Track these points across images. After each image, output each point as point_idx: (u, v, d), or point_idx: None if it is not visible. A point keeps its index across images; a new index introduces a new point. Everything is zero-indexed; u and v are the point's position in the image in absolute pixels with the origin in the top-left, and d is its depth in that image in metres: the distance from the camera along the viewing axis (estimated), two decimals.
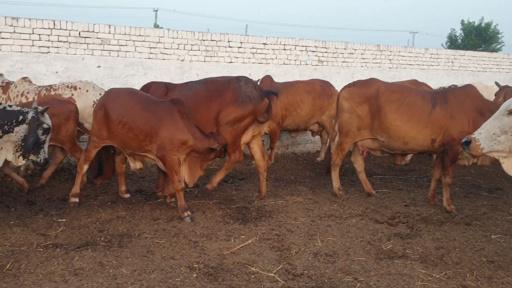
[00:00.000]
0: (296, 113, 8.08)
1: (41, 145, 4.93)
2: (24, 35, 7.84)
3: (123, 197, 5.98)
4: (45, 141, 4.98)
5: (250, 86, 5.71)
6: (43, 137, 4.94)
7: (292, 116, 8.08)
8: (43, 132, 4.92)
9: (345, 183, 7.24)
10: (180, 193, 5.32)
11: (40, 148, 4.93)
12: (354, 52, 11.15)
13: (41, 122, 4.91)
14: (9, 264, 3.99)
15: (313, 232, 5.07)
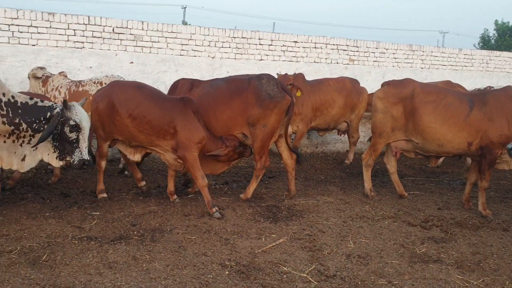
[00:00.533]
0: (327, 112, 7.97)
1: (73, 144, 4.53)
2: (59, 30, 7.99)
3: (139, 185, 6.10)
4: (77, 140, 4.53)
5: (272, 84, 5.61)
6: (72, 135, 4.50)
7: (323, 116, 7.97)
8: (71, 129, 4.49)
9: (377, 184, 7.14)
10: (205, 189, 5.35)
11: (73, 148, 4.53)
12: (385, 51, 11.00)
13: (67, 118, 4.48)
14: (45, 255, 4.06)
15: (345, 233, 5.01)
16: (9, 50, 7.66)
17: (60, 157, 4.61)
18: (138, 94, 5.35)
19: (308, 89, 7.69)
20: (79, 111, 4.54)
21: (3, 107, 4.34)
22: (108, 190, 5.98)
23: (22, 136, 4.47)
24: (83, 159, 4.54)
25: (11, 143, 4.46)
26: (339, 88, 8.16)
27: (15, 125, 4.38)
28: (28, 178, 6.59)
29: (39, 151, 4.59)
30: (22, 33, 7.71)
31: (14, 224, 4.73)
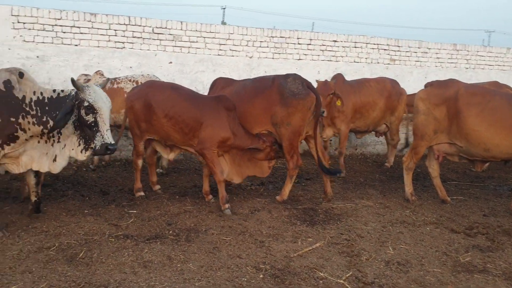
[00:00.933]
0: (368, 115, 7.73)
1: (92, 128, 4.16)
2: (101, 31, 8.13)
3: (154, 189, 6.08)
4: (96, 123, 4.15)
5: (297, 82, 5.54)
6: (89, 117, 4.14)
7: (363, 118, 7.72)
8: (86, 111, 4.13)
9: (418, 188, 6.90)
10: (222, 184, 5.35)
11: (94, 132, 4.16)
12: (428, 51, 10.65)
13: (81, 99, 4.14)
14: (82, 252, 4.10)
15: (384, 239, 4.84)
16: (53, 50, 7.85)
17: (85, 148, 4.27)
18: (174, 95, 5.42)
19: (348, 89, 7.46)
20: (94, 91, 4.16)
21: (33, 106, 4.17)
22: (145, 189, 6.03)
23: (51, 135, 4.31)
24: (105, 143, 4.15)
25: (44, 143, 4.34)
26: (380, 89, 7.88)
27: (44, 124, 4.19)
28: (69, 175, 6.73)
29: (67, 148, 4.34)
30: (65, 33, 7.89)
31: (54, 221, 4.82)
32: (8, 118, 4.01)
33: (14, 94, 4.01)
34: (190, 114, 5.30)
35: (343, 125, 7.49)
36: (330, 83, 6.97)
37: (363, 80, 8.17)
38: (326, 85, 6.89)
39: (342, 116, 7.42)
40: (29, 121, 4.07)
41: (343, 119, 7.44)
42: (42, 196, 5.55)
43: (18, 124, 4.03)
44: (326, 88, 6.82)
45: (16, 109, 4.02)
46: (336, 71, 9.70)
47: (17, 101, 4.02)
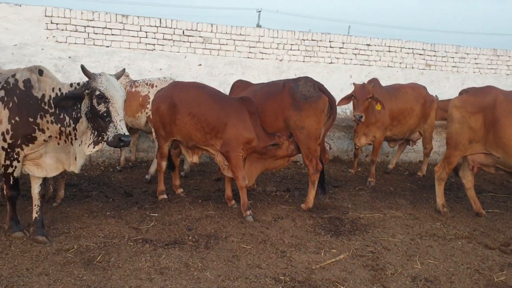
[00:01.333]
0: (405, 122, 7.35)
1: (105, 118, 3.86)
2: (132, 32, 8.17)
3: (177, 193, 5.98)
4: (108, 112, 3.85)
5: (308, 85, 5.42)
6: (101, 107, 3.85)
7: (401, 125, 7.34)
8: (98, 100, 3.84)
9: (450, 199, 6.60)
10: (244, 190, 5.25)
11: (107, 123, 3.86)
12: (466, 56, 10.25)
13: (93, 88, 3.87)
14: (100, 256, 4.06)
15: (412, 252, 4.61)
16: (85, 50, 7.94)
17: (96, 142, 3.98)
18: (198, 93, 5.39)
19: (385, 95, 7.10)
20: (106, 79, 3.90)
21: (52, 104, 4.00)
22: (168, 192, 5.98)
23: (68, 133, 4.06)
24: (118, 134, 3.83)
25: (64, 143, 4.14)
26: (416, 95, 7.53)
27: (61, 121, 4.02)
28: (96, 175, 6.77)
29: (83, 143, 4.07)
30: (97, 35, 7.96)
31: (75, 222, 4.82)
32: (27, 118, 3.96)
33: (33, 93, 3.96)
34: (213, 113, 5.25)
35: (378, 132, 7.11)
36: (369, 87, 6.67)
37: (397, 85, 7.82)
38: (364, 88, 6.61)
39: (378, 123, 7.04)
40: (47, 120, 3.99)
41: (379, 126, 7.08)
42: (68, 196, 5.61)
43: (36, 125, 3.98)
44: (364, 91, 6.57)
45: (35, 109, 3.97)
46: (369, 75, 9.45)
47: (36, 101, 3.97)
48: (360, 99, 6.55)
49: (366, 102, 6.58)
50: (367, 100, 6.57)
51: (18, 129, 3.96)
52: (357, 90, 6.63)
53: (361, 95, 6.55)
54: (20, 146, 4.00)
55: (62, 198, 5.40)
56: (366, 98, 6.55)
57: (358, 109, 6.60)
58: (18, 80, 4.00)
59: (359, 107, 6.60)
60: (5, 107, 3.95)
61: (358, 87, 6.69)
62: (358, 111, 6.59)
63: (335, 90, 8.35)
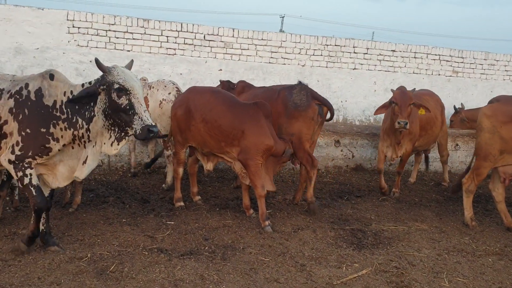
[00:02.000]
0: (432, 132, 7.02)
1: (128, 111, 3.64)
2: (153, 37, 8.13)
3: (194, 200, 5.87)
4: (131, 105, 3.63)
5: (302, 94, 5.43)
6: (122, 100, 3.62)
7: (427, 135, 6.99)
8: (118, 94, 3.61)
9: (479, 212, 6.31)
10: (262, 199, 5.08)
11: (131, 116, 3.64)
12: (495, 63, 9.93)
13: (110, 82, 3.65)
14: (113, 265, 3.94)
15: (439, 269, 4.37)
16: (106, 55, 7.92)
17: (118, 138, 3.79)
18: (212, 99, 5.25)
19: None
20: (121, 71, 3.70)
21: (64, 109, 3.79)
22: (185, 199, 5.86)
23: (81, 136, 3.84)
24: (146, 125, 3.61)
25: (78, 147, 3.92)
26: (435, 103, 7.24)
27: (74, 125, 3.81)
28: (114, 181, 6.69)
29: (98, 145, 3.87)
30: (118, 39, 7.95)
31: (90, 229, 4.72)
32: (38, 129, 3.75)
33: (44, 102, 3.78)
34: (227, 119, 5.10)
35: (409, 144, 6.57)
36: (409, 92, 6.27)
37: (418, 93, 7.36)
38: (405, 94, 6.18)
39: (411, 135, 6.51)
40: (61, 127, 3.80)
41: (411, 138, 6.55)
42: (85, 201, 5.53)
43: (50, 135, 3.79)
44: (405, 97, 6.13)
45: (47, 118, 3.78)
46: (394, 82, 9.23)
47: (47, 110, 3.78)
48: (403, 104, 6.04)
49: (409, 108, 6.09)
50: (409, 106, 6.08)
51: (29, 141, 3.75)
52: (398, 95, 6.18)
53: (402, 101, 6.08)
54: (32, 157, 3.79)
55: (78, 203, 5.32)
56: (408, 104, 6.06)
57: (402, 115, 6.01)
58: (30, 91, 3.80)
59: (402, 113, 6.02)
60: (15, 119, 3.76)
61: (398, 93, 6.24)
62: (402, 117, 5.99)
63: (358, 97, 8.18)
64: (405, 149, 6.55)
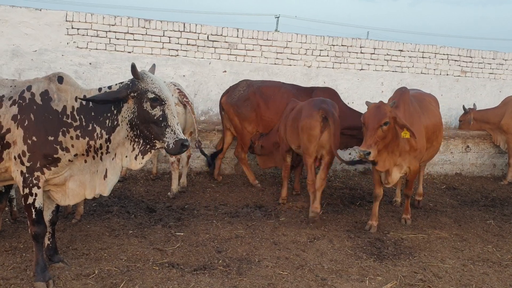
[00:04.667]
0: (437, 142, 5.80)
1: (160, 123, 3.34)
2: (155, 37, 7.85)
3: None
4: (164, 116, 3.34)
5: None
6: (156, 111, 3.32)
7: (432, 148, 5.71)
8: (152, 104, 3.31)
9: (496, 217, 6.10)
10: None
11: (163, 128, 3.34)
12: (504, 62, 9.71)
13: (143, 90, 3.32)
14: (123, 283, 3.68)
15: (466, 281, 4.14)
16: (106, 56, 7.64)
17: (143, 151, 3.47)
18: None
19: (414, 109, 5.32)
20: (155, 80, 3.39)
21: (76, 116, 3.43)
22: (194, 207, 5.61)
23: (99, 147, 3.48)
24: (179, 139, 3.33)
25: (92, 160, 3.53)
26: (436, 106, 6.06)
27: (89, 134, 3.43)
28: (116, 188, 6.41)
29: (118, 157, 3.53)
30: (119, 40, 7.66)
31: (96, 242, 4.45)
32: (46, 137, 3.39)
33: (52, 107, 3.42)
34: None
35: (414, 161, 5.23)
36: (385, 107, 4.79)
37: (417, 95, 5.90)
38: (377, 111, 4.75)
39: (416, 151, 5.19)
40: (71, 136, 3.42)
41: (417, 155, 5.22)
42: (87, 211, 5.26)
43: (58, 143, 3.41)
44: (375, 116, 4.71)
45: (55, 125, 3.42)
46: (401, 83, 8.99)
47: (56, 115, 3.42)
48: (370, 126, 4.67)
49: (379, 131, 4.66)
50: (380, 127, 4.66)
51: (37, 150, 3.39)
52: (367, 113, 4.79)
53: (371, 120, 4.70)
54: (41, 169, 3.42)
55: (81, 214, 5.05)
56: (378, 124, 4.65)
57: (365, 142, 4.66)
58: (34, 94, 3.43)
59: (366, 139, 4.68)
60: (19, 126, 3.39)
61: (369, 109, 4.83)
62: (365, 145, 4.65)
63: (365, 98, 7.90)
64: (409, 167, 5.21)
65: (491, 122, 8.32)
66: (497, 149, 8.54)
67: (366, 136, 4.67)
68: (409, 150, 5.08)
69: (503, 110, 8.15)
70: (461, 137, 8.39)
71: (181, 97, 5.95)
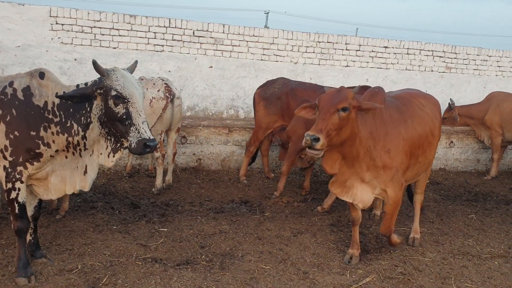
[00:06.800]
0: (425, 157, 4.54)
1: (124, 121, 3.29)
2: (140, 33, 7.84)
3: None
4: (128, 114, 3.28)
5: None
6: (119, 109, 3.26)
7: (418, 163, 4.53)
8: (115, 101, 3.25)
9: (478, 211, 6.18)
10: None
11: (127, 127, 3.29)
12: (488, 59, 9.83)
13: (107, 87, 3.27)
14: (106, 277, 3.70)
15: (446, 274, 4.21)
16: (91, 52, 7.61)
17: (114, 149, 3.46)
18: None
19: (390, 116, 4.13)
20: (121, 75, 3.32)
21: (56, 112, 3.42)
22: (178, 203, 5.63)
23: (76, 143, 3.48)
24: (142, 139, 3.25)
25: (72, 156, 3.54)
26: (432, 108, 4.76)
27: (67, 130, 3.44)
28: (101, 184, 6.40)
29: (95, 154, 3.53)
30: (104, 36, 7.64)
31: (80, 237, 4.45)
32: (28, 132, 3.42)
33: (34, 102, 3.44)
34: None
35: (392, 186, 4.13)
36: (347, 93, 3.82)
37: (403, 97, 4.57)
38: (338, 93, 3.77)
39: (392, 170, 4.07)
40: (52, 131, 3.45)
41: (393, 175, 4.09)
42: (72, 207, 5.25)
43: (40, 139, 3.44)
44: (332, 98, 3.76)
45: (37, 121, 3.43)
46: (386, 79, 9.08)
47: (38, 110, 3.43)
48: (323, 108, 3.67)
49: (335, 116, 3.61)
50: (337, 112, 3.63)
51: (19, 145, 3.41)
52: (325, 95, 3.81)
53: (326, 101, 3.72)
54: (23, 164, 3.44)
55: (66, 210, 5.04)
56: (336, 108, 3.63)
57: (316, 126, 3.60)
58: (16, 89, 3.44)
59: (318, 122, 3.63)
60: (1, 121, 3.39)
61: (328, 91, 3.87)
62: (313, 129, 3.58)
63: None
64: (385, 191, 4.10)
65: (475, 118, 8.43)
66: (481, 144, 8.66)
67: (318, 120, 3.64)
68: (382, 167, 4.00)
69: (487, 106, 8.26)
70: (445, 133, 8.49)
71: (167, 92, 5.92)
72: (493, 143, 8.16)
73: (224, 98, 8.35)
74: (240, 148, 7.40)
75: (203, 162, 7.31)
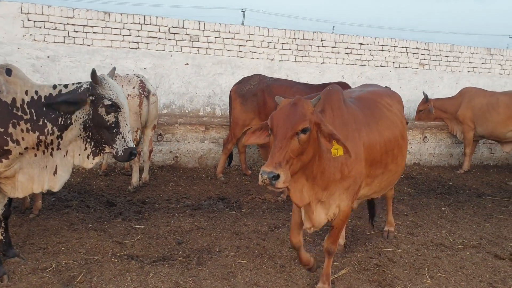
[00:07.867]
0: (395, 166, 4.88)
1: (112, 129, 3.39)
2: (115, 30, 7.75)
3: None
4: (117, 123, 3.39)
5: None
6: (110, 117, 3.37)
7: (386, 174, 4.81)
8: (107, 110, 3.35)
9: (451, 204, 6.32)
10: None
11: (114, 135, 3.40)
12: (460, 55, 10.03)
13: (100, 96, 3.35)
14: (81, 275, 3.66)
15: (419, 265, 4.30)
16: (64, 50, 7.49)
17: (95, 152, 3.49)
18: None
19: (351, 117, 3.55)
20: (113, 86, 3.41)
21: (26, 109, 3.38)
22: (155, 200, 5.59)
23: (49, 142, 3.44)
24: (129, 148, 3.39)
25: (42, 155, 3.49)
26: (400, 108, 4.37)
27: (39, 129, 3.39)
28: (76, 183, 6.32)
29: (70, 155, 3.52)
30: (78, 33, 7.52)
31: (54, 236, 4.39)
32: None
33: (0, 99, 3.34)
34: None
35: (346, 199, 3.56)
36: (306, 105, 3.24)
37: (367, 96, 4.07)
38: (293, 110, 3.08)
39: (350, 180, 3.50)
40: (22, 128, 3.37)
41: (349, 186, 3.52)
42: (46, 206, 5.17)
43: (8, 135, 3.35)
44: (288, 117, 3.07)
45: (5, 117, 3.34)
46: (361, 75, 9.19)
47: (5, 107, 3.34)
48: (279, 133, 2.94)
49: (293, 141, 2.92)
50: (295, 136, 2.93)
51: None
52: (276, 113, 3.07)
53: (281, 122, 2.99)
54: None
55: (39, 208, 4.96)
56: (294, 131, 2.92)
57: (272, 160, 2.85)
58: None
59: (273, 155, 2.87)
60: None
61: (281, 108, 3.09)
62: (268, 165, 2.83)
63: None
64: (339, 207, 3.49)
65: (448, 112, 8.58)
66: (454, 139, 8.83)
67: (274, 149, 2.89)
68: (340, 179, 3.36)
69: (459, 101, 8.43)
70: (419, 128, 8.64)
71: (141, 89, 5.88)
72: (466, 138, 8.34)
73: (201, 95, 8.33)
74: (217, 145, 7.40)
75: (180, 160, 7.28)
